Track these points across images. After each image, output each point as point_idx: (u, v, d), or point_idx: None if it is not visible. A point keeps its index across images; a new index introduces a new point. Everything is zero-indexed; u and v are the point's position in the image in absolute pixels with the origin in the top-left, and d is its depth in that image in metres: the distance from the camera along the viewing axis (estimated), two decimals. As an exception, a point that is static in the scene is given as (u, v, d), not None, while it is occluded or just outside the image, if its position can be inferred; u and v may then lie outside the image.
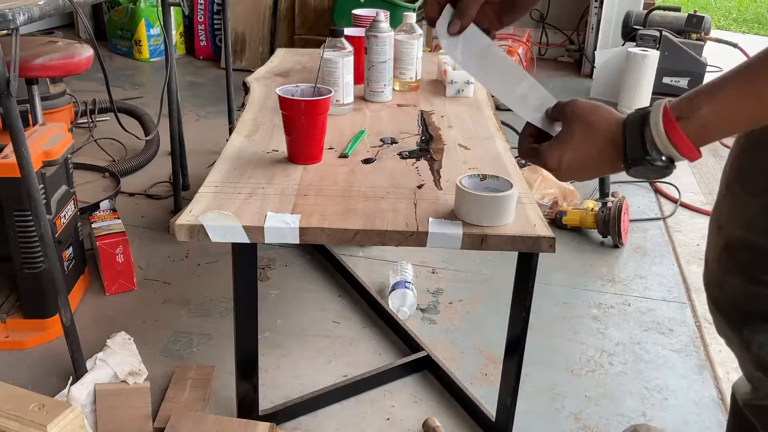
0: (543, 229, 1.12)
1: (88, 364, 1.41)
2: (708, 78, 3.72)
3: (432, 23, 0.91)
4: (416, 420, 1.51)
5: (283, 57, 2.18)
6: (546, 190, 2.45)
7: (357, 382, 1.57)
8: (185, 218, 1.13)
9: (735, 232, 0.86)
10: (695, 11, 3.84)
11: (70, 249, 1.83)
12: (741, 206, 0.85)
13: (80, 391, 1.36)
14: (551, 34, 4.85)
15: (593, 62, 4.01)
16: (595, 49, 4.24)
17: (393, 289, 1.88)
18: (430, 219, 1.13)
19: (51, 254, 1.37)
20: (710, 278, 0.93)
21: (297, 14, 4.17)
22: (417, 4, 3.73)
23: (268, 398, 1.54)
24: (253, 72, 1.99)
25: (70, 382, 1.38)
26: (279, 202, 1.19)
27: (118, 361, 1.41)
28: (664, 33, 3.69)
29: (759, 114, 0.70)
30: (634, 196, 2.58)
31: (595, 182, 2.48)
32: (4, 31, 1.23)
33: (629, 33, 3.90)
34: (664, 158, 0.74)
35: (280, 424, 1.45)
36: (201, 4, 4.47)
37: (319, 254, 2.16)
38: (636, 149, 0.75)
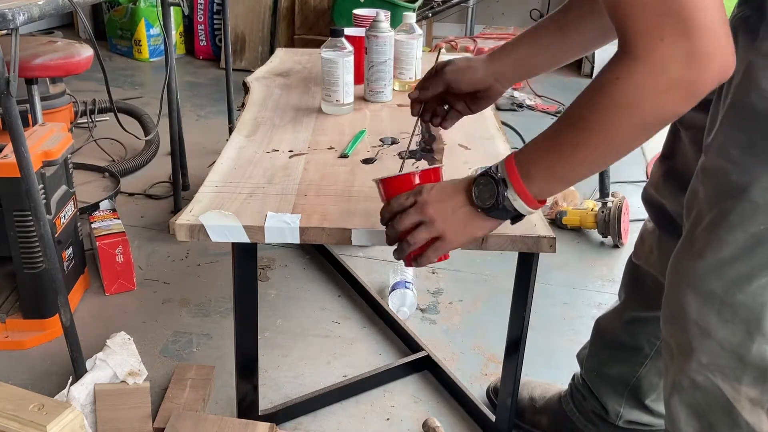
0: (543, 229, 1.12)
1: (88, 364, 1.41)
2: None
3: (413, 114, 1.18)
4: (416, 420, 1.51)
5: (283, 57, 2.18)
6: (546, 190, 2.44)
7: (357, 382, 1.57)
8: (185, 218, 1.13)
9: None
10: (695, 11, 3.84)
11: (70, 249, 1.82)
12: None
13: (80, 391, 1.36)
14: (551, 34, 4.84)
15: (593, 62, 4.01)
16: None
17: (393, 289, 1.88)
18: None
19: (51, 254, 1.37)
20: None
21: (297, 14, 4.17)
22: (417, 4, 3.73)
23: (268, 398, 1.54)
24: (253, 72, 1.99)
25: (69, 382, 1.38)
26: (279, 202, 1.19)
27: (118, 361, 1.41)
28: (664, 33, 3.68)
29: (577, 172, 0.83)
30: (634, 196, 2.57)
31: (596, 182, 2.48)
32: (4, 31, 1.23)
33: (629, 33, 3.88)
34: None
35: (280, 424, 1.45)
36: (201, 4, 4.47)
37: (319, 254, 2.16)
38: (488, 198, 0.88)
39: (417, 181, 0.98)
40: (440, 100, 1.17)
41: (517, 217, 0.89)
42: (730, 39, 0.69)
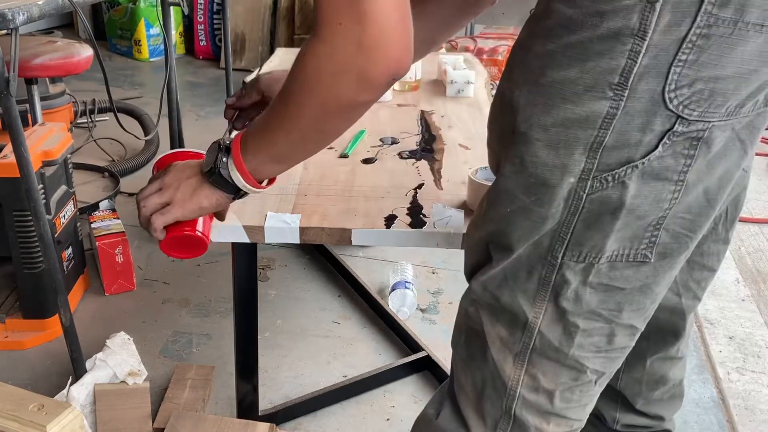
0: (543, 229, 1.12)
1: (88, 364, 1.41)
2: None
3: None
4: (416, 420, 1.50)
5: (283, 56, 2.18)
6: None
7: (357, 382, 1.57)
8: (185, 218, 1.13)
9: None
10: (695, 11, 3.84)
11: (70, 249, 1.82)
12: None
13: (80, 392, 1.36)
14: (551, 33, 4.85)
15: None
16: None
17: (393, 289, 1.88)
18: (431, 219, 1.13)
19: (50, 254, 1.36)
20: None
21: (297, 14, 4.17)
22: (417, 4, 3.72)
23: (268, 398, 1.54)
24: (252, 72, 1.99)
25: (69, 382, 1.38)
26: (279, 202, 1.19)
27: (118, 361, 1.41)
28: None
29: (284, 150, 0.84)
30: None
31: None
32: (4, 31, 1.23)
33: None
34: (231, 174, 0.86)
35: (280, 425, 1.45)
36: (201, 3, 4.47)
37: (319, 254, 2.16)
38: (210, 162, 0.88)
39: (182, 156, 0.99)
40: (258, 108, 1.15)
41: (238, 191, 0.89)
42: (404, 35, 0.72)
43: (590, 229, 0.71)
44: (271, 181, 0.91)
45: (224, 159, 0.86)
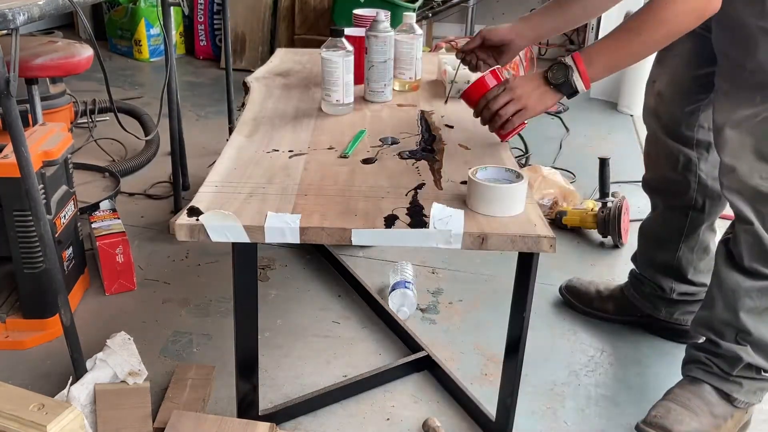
0: (543, 229, 1.12)
1: (88, 364, 1.41)
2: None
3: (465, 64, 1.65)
4: (416, 420, 1.51)
5: (283, 57, 2.18)
6: (546, 190, 2.45)
7: (357, 382, 1.58)
8: (185, 218, 1.13)
9: None
10: (695, 11, 3.84)
11: (70, 249, 1.83)
12: None
13: (80, 391, 1.36)
14: (551, 34, 4.83)
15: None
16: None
17: (393, 289, 1.88)
18: (431, 219, 1.13)
19: (51, 254, 1.37)
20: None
21: (297, 14, 4.17)
22: (417, 4, 3.73)
23: (268, 398, 1.54)
24: (253, 72, 1.99)
25: (70, 382, 1.38)
26: (279, 202, 1.19)
27: (118, 361, 1.41)
28: (664, 33, 3.68)
29: (623, 63, 1.32)
30: (634, 196, 2.57)
31: (596, 182, 2.48)
32: (4, 31, 1.23)
33: (629, 33, 3.89)
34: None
35: (280, 424, 1.45)
36: (201, 4, 4.47)
37: (319, 254, 2.16)
38: (560, 77, 1.33)
39: (490, 79, 1.39)
40: (480, 53, 1.60)
41: (573, 93, 1.33)
42: None
43: None
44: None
45: (573, 75, 1.31)
